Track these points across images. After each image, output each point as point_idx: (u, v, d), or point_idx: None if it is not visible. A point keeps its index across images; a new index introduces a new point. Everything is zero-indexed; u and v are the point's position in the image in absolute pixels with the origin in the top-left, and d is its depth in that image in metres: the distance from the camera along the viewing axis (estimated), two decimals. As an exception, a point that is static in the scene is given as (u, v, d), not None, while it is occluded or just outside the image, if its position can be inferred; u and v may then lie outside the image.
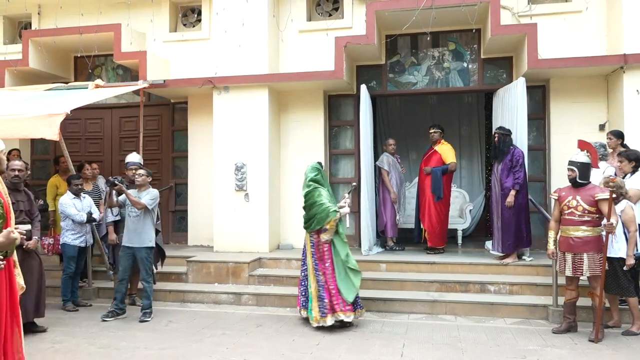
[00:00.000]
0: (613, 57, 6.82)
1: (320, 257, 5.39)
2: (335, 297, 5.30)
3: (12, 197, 5.01)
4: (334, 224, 5.29)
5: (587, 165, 5.06)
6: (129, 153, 8.86)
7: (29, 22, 9.27)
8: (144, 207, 5.79)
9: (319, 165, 5.63)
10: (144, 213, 5.85)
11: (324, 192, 5.43)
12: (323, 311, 5.31)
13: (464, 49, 8.07)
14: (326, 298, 5.31)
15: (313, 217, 5.36)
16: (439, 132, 7.56)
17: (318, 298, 5.35)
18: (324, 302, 5.32)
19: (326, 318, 5.29)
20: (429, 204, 7.42)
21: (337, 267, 5.35)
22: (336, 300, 5.30)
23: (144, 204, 5.79)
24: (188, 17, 8.88)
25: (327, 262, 5.36)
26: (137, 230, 5.85)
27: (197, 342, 5.05)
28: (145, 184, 5.99)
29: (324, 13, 8.40)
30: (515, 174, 6.60)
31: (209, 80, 7.78)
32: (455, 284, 6.35)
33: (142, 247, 5.86)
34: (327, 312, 5.29)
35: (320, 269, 5.38)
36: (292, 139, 8.31)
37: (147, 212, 5.88)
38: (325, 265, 5.36)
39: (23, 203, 5.38)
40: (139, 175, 5.98)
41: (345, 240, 5.45)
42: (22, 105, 6.75)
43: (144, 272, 5.92)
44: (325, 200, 5.34)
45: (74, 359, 4.62)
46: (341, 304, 5.29)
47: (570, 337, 5.06)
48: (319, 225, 5.32)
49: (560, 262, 5.18)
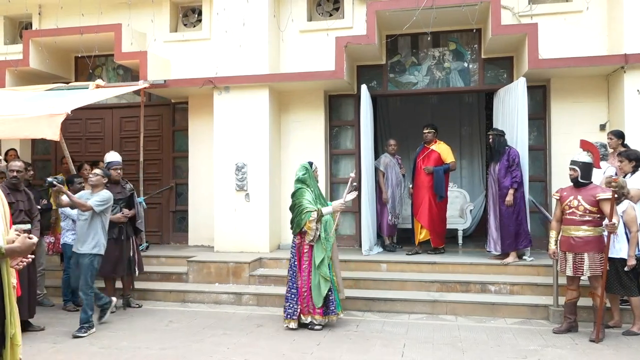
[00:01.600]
0: (614, 57, 6.81)
1: (299, 259, 5.41)
2: (307, 299, 5.33)
3: (12, 197, 5.11)
4: (310, 225, 5.28)
5: (589, 165, 5.06)
6: (129, 153, 8.97)
7: (30, 22, 9.27)
8: (89, 209, 5.35)
9: (309, 164, 5.62)
10: (91, 217, 5.41)
11: (307, 193, 5.43)
12: (288, 312, 5.38)
13: (464, 49, 8.07)
14: (298, 301, 5.34)
15: (293, 220, 5.43)
16: (433, 132, 7.47)
17: (285, 299, 5.44)
18: (292, 305, 5.36)
19: (290, 321, 5.35)
20: (430, 204, 7.32)
21: (313, 271, 5.35)
22: (306, 303, 5.33)
23: (90, 206, 5.34)
24: (188, 17, 8.88)
25: (305, 264, 5.37)
26: (83, 235, 5.44)
27: (197, 342, 5.05)
28: (100, 184, 5.57)
29: (325, 13, 8.40)
30: (512, 173, 6.63)
31: (209, 80, 7.78)
32: (455, 284, 6.35)
33: (87, 253, 5.40)
34: (293, 315, 5.35)
35: (297, 271, 5.40)
36: (293, 139, 8.32)
37: (95, 216, 5.42)
38: (302, 267, 5.38)
39: (23, 203, 5.37)
40: (94, 175, 5.60)
41: (325, 247, 5.36)
42: (23, 106, 6.76)
43: (82, 281, 5.36)
44: (304, 202, 5.36)
45: (75, 359, 4.62)
46: (311, 307, 5.32)
47: (570, 337, 5.05)
48: (298, 228, 5.38)
49: (561, 262, 5.18)
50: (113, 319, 5.82)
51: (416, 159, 7.60)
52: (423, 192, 7.40)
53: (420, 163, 7.49)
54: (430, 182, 7.34)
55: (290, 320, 5.38)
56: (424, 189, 7.39)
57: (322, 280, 5.31)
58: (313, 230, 5.29)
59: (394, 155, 8.03)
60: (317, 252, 5.35)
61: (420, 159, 7.52)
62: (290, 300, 5.41)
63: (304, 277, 5.36)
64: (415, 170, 7.61)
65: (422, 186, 7.42)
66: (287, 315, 5.41)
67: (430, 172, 7.34)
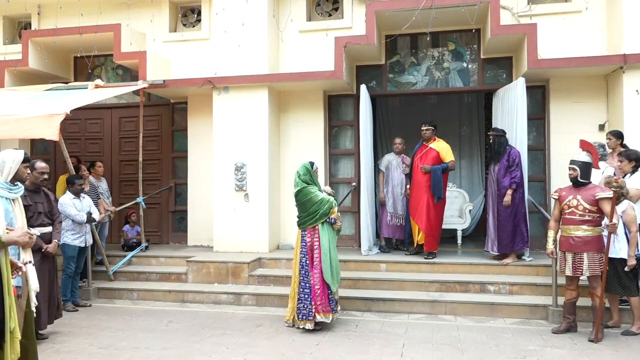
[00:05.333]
0: (613, 57, 6.82)
1: (311, 257, 5.38)
2: (320, 297, 5.29)
3: (30, 199, 4.83)
4: (335, 210, 5.42)
5: (588, 164, 5.07)
6: (128, 153, 8.98)
7: (29, 22, 9.28)
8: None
9: (309, 164, 5.60)
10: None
11: (314, 190, 5.46)
12: (303, 313, 5.33)
13: (463, 49, 8.07)
14: (312, 301, 5.29)
15: (315, 213, 5.36)
16: (432, 130, 7.22)
17: (298, 300, 5.38)
18: (307, 306, 5.32)
19: (306, 322, 5.32)
20: (427, 205, 7.01)
21: (325, 262, 5.31)
22: (320, 301, 5.29)
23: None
24: (188, 17, 8.88)
25: (316, 261, 5.36)
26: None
27: (197, 342, 5.05)
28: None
29: (324, 13, 8.40)
30: (512, 173, 6.60)
31: (208, 81, 7.78)
32: (455, 284, 6.35)
33: None
34: (308, 316, 5.30)
35: (309, 269, 5.36)
36: (292, 139, 8.32)
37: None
38: (314, 264, 5.36)
39: (42, 205, 5.06)
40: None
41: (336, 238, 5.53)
42: (22, 106, 6.76)
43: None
44: (319, 194, 5.42)
45: (74, 359, 4.62)
46: (324, 304, 5.29)
47: (570, 337, 5.06)
48: (322, 219, 5.35)
49: (560, 262, 5.18)
50: (113, 319, 5.82)
51: (414, 157, 7.34)
52: (421, 192, 7.10)
53: (418, 161, 7.21)
54: (428, 182, 7.03)
55: (307, 321, 5.31)
56: (422, 189, 7.09)
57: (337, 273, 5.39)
58: (339, 216, 5.47)
59: (400, 154, 7.82)
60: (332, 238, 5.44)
61: (418, 157, 7.24)
62: (304, 300, 5.33)
63: (317, 274, 5.33)
64: (412, 168, 7.32)
65: (420, 186, 7.12)
66: (302, 316, 5.33)
67: (428, 171, 7.03)
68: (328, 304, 5.33)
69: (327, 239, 5.37)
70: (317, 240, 5.38)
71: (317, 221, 5.37)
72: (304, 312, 5.33)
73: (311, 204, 5.37)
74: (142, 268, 7.53)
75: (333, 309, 5.40)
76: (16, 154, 4.26)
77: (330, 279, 5.31)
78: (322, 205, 5.34)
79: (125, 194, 8.87)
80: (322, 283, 5.31)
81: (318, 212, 5.34)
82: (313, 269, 5.35)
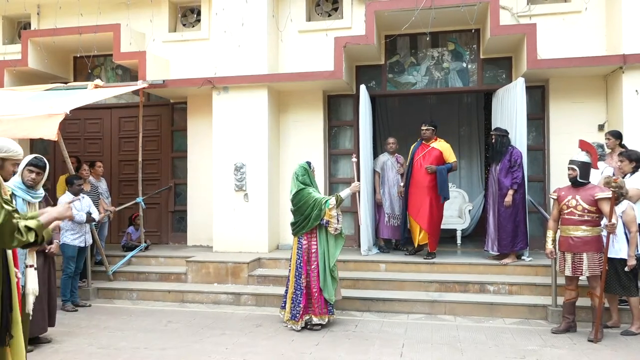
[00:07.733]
0: (612, 57, 6.82)
1: (307, 260, 5.38)
2: (317, 299, 5.32)
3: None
4: (331, 213, 5.26)
5: (587, 164, 5.07)
6: (128, 153, 8.97)
7: (29, 22, 9.27)
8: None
9: (307, 164, 5.59)
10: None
11: (312, 191, 5.42)
12: (293, 313, 5.37)
13: (463, 49, 8.08)
14: (302, 303, 5.32)
15: (308, 217, 5.33)
16: (432, 130, 7.18)
17: (291, 300, 5.40)
18: (296, 307, 5.35)
19: (297, 322, 5.34)
20: (431, 205, 6.94)
21: (321, 270, 5.34)
22: (317, 303, 5.32)
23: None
24: (187, 17, 8.88)
25: (314, 264, 5.36)
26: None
27: (196, 342, 5.05)
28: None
29: (324, 13, 8.40)
30: (513, 174, 6.59)
31: (208, 81, 7.78)
32: (454, 284, 6.35)
33: None
34: (298, 317, 5.33)
35: (304, 272, 5.37)
36: (292, 139, 8.32)
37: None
38: (312, 268, 5.36)
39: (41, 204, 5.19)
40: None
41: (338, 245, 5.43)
42: (22, 106, 6.76)
43: None
44: (315, 195, 5.36)
45: (74, 359, 4.62)
46: (320, 307, 5.32)
47: (569, 337, 5.06)
48: (316, 221, 5.30)
49: (560, 262, 5.18)
50: (112, 319, 5.82)
51: (413, 157, 7.22)
52: (423, 192, 7.00)
53: (420, 161, 7.10)
54: (432, 182, 6.96)
55: (295, 321, 5.35)
56: (424, 189, 7.00)
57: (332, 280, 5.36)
58: (335, 217, 5.29)
59: (394, 154, 7.83)
60: (337, 245, 5.38)
61: (419, 156, 7.14)
62: (295, 301, 5.38)
63: (314, 277, 5.34)
64: (412, 168, 7.21)
65: (422, 186, 7.02)
66: (292, 316, 5.38)
67: (434, 171, 6.95)
68: (324, 305, 5.35)
69: (324, 246, 5.35)
70: (314, 244, 5.37)
71: (312, 223, 5.32)
72: (293, 313, 5.39)
73: (307, 206, 5.35)
74: (141, 268, 7.53)
75: (330, 311, 5.42)
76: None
77: (324, 287, 5.33)
78: (315, 206, 5.30)
79: (124, 194, 8.87)
80: (319, 286, 5.34)
81: (312, 214, 5.31)
82: (311, 272, 5.36)
